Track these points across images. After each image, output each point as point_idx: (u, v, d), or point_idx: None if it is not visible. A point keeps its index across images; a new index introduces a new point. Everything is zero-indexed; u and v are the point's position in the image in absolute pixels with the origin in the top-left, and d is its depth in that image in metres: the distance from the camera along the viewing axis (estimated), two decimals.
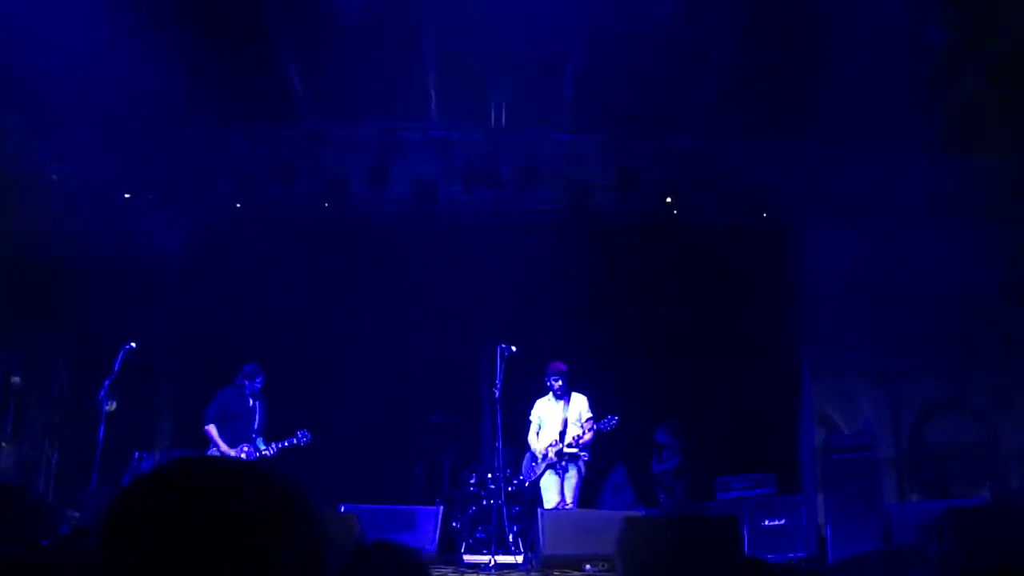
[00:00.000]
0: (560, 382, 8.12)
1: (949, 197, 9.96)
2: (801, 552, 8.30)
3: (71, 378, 9.90)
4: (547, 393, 8.24)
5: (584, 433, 7.92)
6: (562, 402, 8.17)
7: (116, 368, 7.12)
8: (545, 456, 8.04)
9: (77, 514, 7.76)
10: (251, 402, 8.07)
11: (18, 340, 9.47)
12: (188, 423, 10.02)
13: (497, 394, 7.64)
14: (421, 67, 8.80)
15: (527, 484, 8.49)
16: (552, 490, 8.03)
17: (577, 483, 8.00)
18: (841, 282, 10.44)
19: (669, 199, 10.15)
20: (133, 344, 7.21)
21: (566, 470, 7.98)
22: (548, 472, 8.08)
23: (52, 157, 9.42)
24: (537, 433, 8.22)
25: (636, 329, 10.16)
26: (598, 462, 9.37)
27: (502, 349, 7.71)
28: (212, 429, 7.92)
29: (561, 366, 8.16)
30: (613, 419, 7.83)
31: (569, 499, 7.92)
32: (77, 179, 9.72)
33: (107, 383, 7.07)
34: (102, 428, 6.95)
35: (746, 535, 8.37)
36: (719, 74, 8.76)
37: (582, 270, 10.16)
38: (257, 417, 8.04)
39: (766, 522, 8.57)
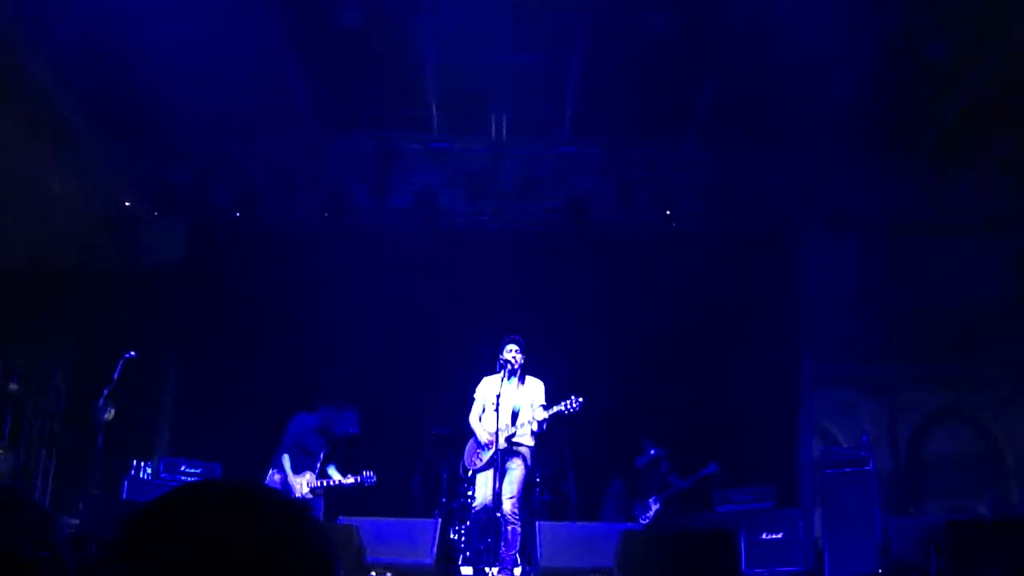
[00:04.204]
0: (519, 356, 7.09)
1: (948, 208, 9.99)
2: (799, 566, 8.27)
3: (69, 386, 9.90)
4: (496, 371, 7.16)
5: (537, 420, 6.95)
6: (516, 381, 7.09)
7: (115, 376, 7.10)
8: (492, 443, 6.95)
9: (75, 521, 7.73)
10: (323, 438, 7.77)
11: (17, 347, 9.47)
12: (186, 432, 10.06)
13: (497, 405, 7.58)
14: (422, 79, 8.84)
15: (469, 474, 7.49)
16: (486, 486, 6.98)
17: (523, 475, 7.01)
18: (840, 293, 10.47)
19: (668, 211, 10.18)
20: (132, 353, 7.20)
21: (510, 459, 6.95)
22: (485, 469, 7.09)
23: (52, 166, 9.45)
24: (480, 417, 7.22)
25: (635, 340, 10.15)
26: (598, 475, 9.38)
27: (502, 361, 7.64)
28: (285, 459, 7.64)
29: (520, 339, 7.19)
30: (577, 400, 6.89)
31: (511, 492, 6.87)
32: (77, 188, 9.74)
33: (106, 391, 7.05)
34: (100, 436, 6.93)
35: (744, 548, 8.35)
36: (718, 85, 8.79)
37: (582, 280, 10.19)
38: (323, 451, 7.80)
39: (764, 535, 8.54)
